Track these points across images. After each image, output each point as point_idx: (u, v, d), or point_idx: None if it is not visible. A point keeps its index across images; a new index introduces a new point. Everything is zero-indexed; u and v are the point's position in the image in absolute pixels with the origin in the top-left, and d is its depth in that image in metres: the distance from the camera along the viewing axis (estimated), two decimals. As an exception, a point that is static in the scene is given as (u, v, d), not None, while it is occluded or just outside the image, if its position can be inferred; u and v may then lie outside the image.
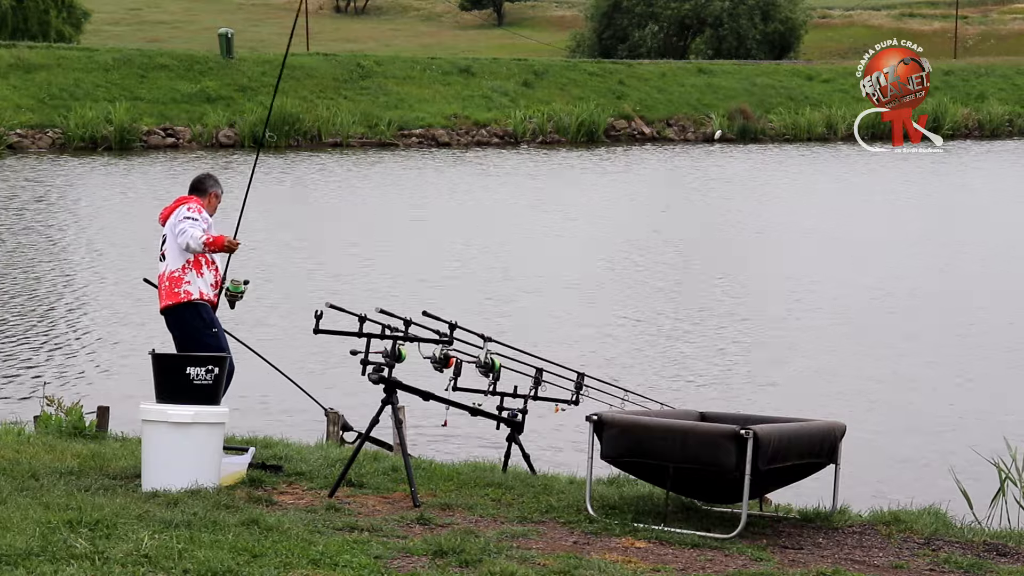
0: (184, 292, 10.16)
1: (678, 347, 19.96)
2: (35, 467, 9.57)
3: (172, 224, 10.30)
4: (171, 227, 10.31)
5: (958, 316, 22.31)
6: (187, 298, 10.16)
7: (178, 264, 10.21)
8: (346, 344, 9.61)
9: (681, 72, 62.44)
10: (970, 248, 29.47)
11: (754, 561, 7.98)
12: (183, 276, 10.19)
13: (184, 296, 10.16)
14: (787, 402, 16.30)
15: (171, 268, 10.25)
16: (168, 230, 10.34)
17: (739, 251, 29.05)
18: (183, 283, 10.17)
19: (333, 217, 33.05)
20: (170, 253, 10.27)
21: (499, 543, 8.04)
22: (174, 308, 10.19)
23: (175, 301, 10.18)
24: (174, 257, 10.24)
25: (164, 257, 10.34)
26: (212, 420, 9.21)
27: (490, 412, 10.55)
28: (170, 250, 10.27)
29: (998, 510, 11.18)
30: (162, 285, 10.28)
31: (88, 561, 7.19)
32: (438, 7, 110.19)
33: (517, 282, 24.84)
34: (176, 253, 10.23)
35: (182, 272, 10.20)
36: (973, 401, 17.23)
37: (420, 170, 43.88)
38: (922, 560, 8.19)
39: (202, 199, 10.51)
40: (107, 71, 51.39)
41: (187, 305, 10.17)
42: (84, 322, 21.07)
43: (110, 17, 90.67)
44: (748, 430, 8.33)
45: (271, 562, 7.37)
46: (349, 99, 52.97)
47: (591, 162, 47.80)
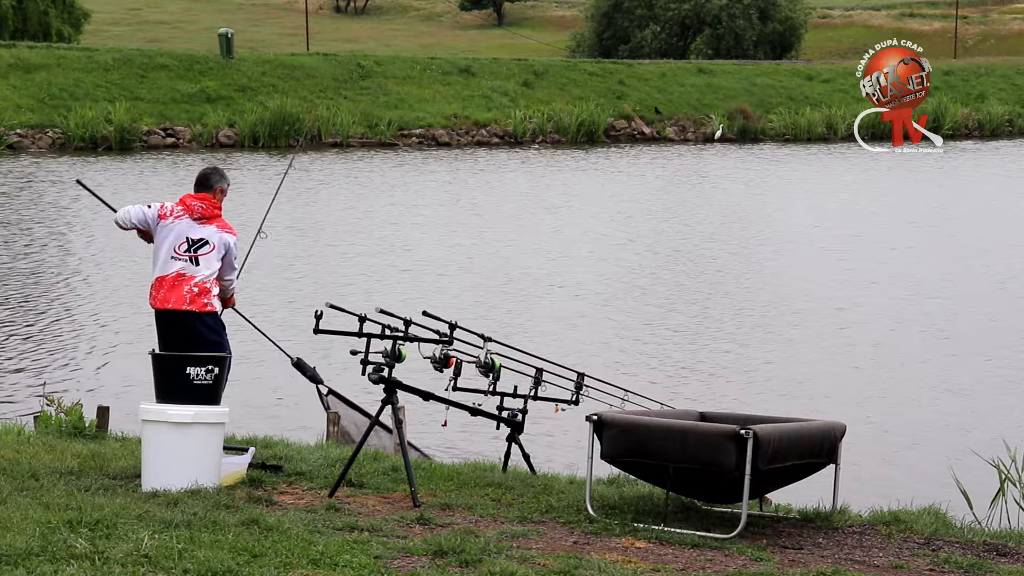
0: (210, 305, 10.32)
1: (678, 347, 19.97)
2: (35, 467, 9.57)
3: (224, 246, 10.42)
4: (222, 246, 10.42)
5: (958, 316, 22.31)
6: (212, 309, 10.31)
7: (211, 277, 10.34)
8: (346, 344, 9.61)
9: (681, 72, 62.46)
10: (970, 248, 29.47)
11: (754, 561, 7.98)
12: (212, 289, 10.33)
13: (211, 308, 10.31)
14: (787, 402, 16.32)
15: (204, 279, 10.30)
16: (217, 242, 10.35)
17: (739, 251, 29.05)
18: (211, 295, 10.33)
19: (333, 217, 33.05)
20: (208, 263, 10.31)
21: (499, 543, 8.04)
22: (196, 314, 10.25)
23: (200, 309, 10.25)
24: (211, 269, 10.34)
25: (198, 262, 10.30)
26: (212, 420, 9.21)
27: (490, 412, 10.55)
28: (209, 260, 10.31)
29: (998, 510, 11.19)
30: (182, 287, 10.25)
31: (88, 561, 7.19)
32: (438, 7, 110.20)
33: (517, 282, 24.84)
34: (211, 267, 10.33)
35: (212, 285, 10.34)
36: (973, 401, 17.23)
37: (420, 170, 43.89)
38: (922, 560, 8.19)
39: (209, 195, 10.53)
40: (107, 71, 51.41)
41: (213, 315, 10.32)
42: (84, 322, 21.07)
43: (110, 17, 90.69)
44: (748, 430, 8.33)
45: (271, 562, 7.37)
46: (349, 99, 52.99)
47: (591, 162, 47.81)
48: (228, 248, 10.40)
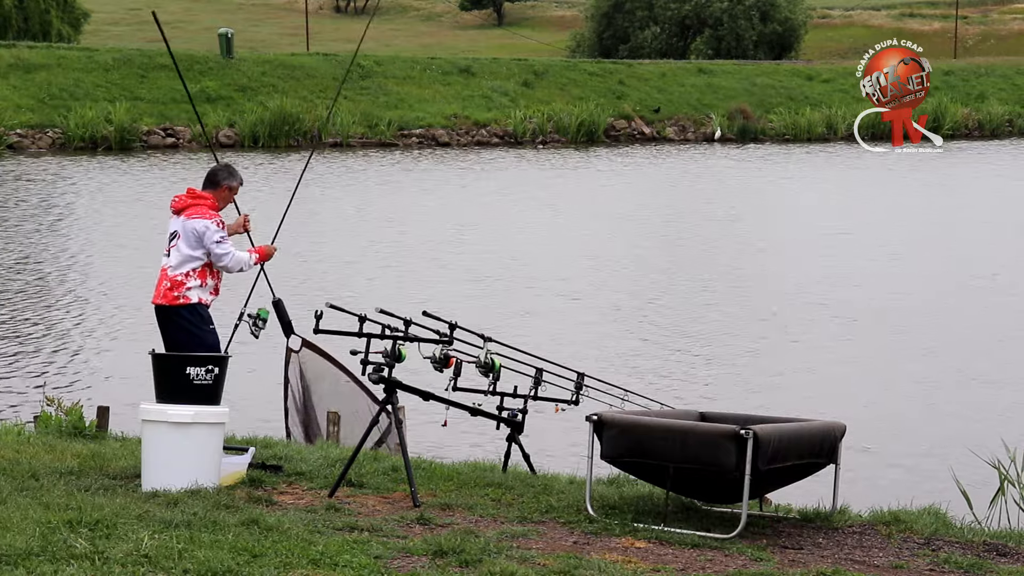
0: (183, 298, 10.09)
1: (678, 347, 19.96)
2: (35, 467, 9.56)
3: (192, 232, 10.10)
4: (189, 232, 10.13)
5: (958, 316, 22.31)
6: (186, 302, 10.10)
7: (183, 269, 10.09)
8: (346, 344, 9.61)
9: (681, 72, 62.46)
10: (970, 248, 29.47)
11: (754, 561, 7.98)
12: (185, 282, 10.08)
13: (183, 300, 10.10)
14: (787, 402, 16.31)
15: (175, 271, 10.13)
16: (182, 230, 10.15)
17: (739, 251, 29.05)
18: (184, 288, 10.08)
19: (332, 217, 33.04)
20: (177, 254, 10.13)
21: (499, 543, 8.04)
22: (170, 308, 10.11)
23: (172, 304, 10.10)
24: (180, 260, 10.10)
25: (170, 254, 10.18)
26: (212, 420, 9.20)
27: (490, 412, 10.54)
28: (178, 251, 10.12)
29: (998, 510, 11.19)
30: (162, 281, 10.20)
31: (88, 561, 7.18)
32: (438, 7, 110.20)
33: (517, 282, 24.84)
34: (182, 258, 10.09)
35: (185, 278, 10.08)
36: (973, 401, 17.22)
37: (420, 170, 43.87)
38: (922, 560, 8.19)
39: (215, 191, 10.39)
40: (107, 71, 51.41)
41: (186, 307, 10.11)
42: (84, 322, 21.07)
43: (110, 17, 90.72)
44: (748, 430, 8.33)
45: (271, 562, 7.37)
46: (349, 99, 52.98)
47: (591, 162, 47.80)
48: (195, 231, 10.11)
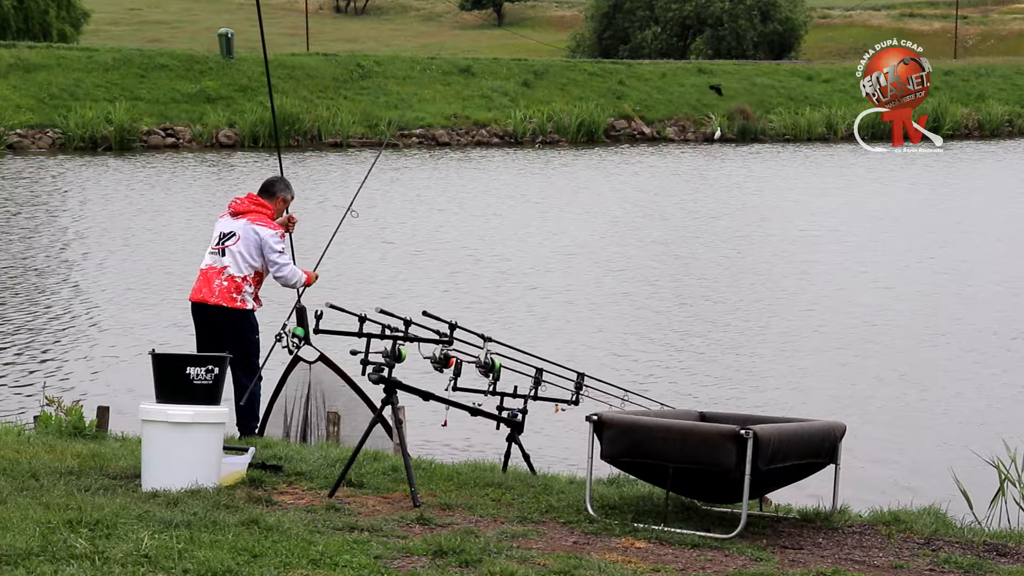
0: (241, 301, 10.51)
1: (678, 347, 19.96)
2: (35, 467, 9.56)
3: (254, 238, 10.52)
4: (251, 238, 10.50)
5: (957, 316, 22.30)
6: (243, 307, 10.43)
7: (243, 273, 10.57)
8: (346, 344, 9.61)
9: (681, 72, 62.47)
10: (970, 248, 29.47)
11: (754, 561, 7.98)
12: (243, 286, 10.48)
13: (240, 304, 10.44)
14: (787, 402, 16.31)
15: (234, 273, 10.50)
16: (243, 234, 10.51)
17: (739, 251, 29.04)
18: (243, 292, 10.52)
19: (332, 216, 33.01)
20: (237, 258, 10.51)
21: (499, 543, 8.04)
22: (229, 310, 10.40)
23: (231, 305, 10.38)
24: (240, 264, 10.55)
25: (225, 253, 10.52)
26: (212, 420, 9.20)
27: (490, 412, 10.54)
28: (239, 255, 10.50)
29: (998, 510, 11.19)
30: (212, 280, 10.41)
31: (88, 561, 7.18)
32: (438, 7, 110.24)
33: (517, 282, 24.83)
34: (244, 262, 10.52)
35: (243, 282, 10.47)
36: (973, 401, 17.22)
37: (420, 170, 43.88)
38: (922, 560, 8.19)
39: (270, 201, 10.79)
40: (107, 71, 51.41)
41: (242, 311, 10.43)
42: (84, 322, 21.07)
43: (110, 17, 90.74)
44: (748, 430, 8.33)
45: (271, 562, 7.37)
46: (349, 99, 53.00)
47: (591, 162, 47.79)
48: (258, 236, 10.56)
